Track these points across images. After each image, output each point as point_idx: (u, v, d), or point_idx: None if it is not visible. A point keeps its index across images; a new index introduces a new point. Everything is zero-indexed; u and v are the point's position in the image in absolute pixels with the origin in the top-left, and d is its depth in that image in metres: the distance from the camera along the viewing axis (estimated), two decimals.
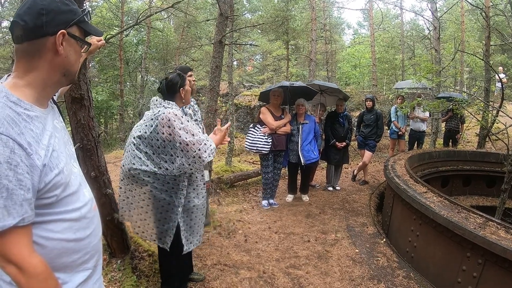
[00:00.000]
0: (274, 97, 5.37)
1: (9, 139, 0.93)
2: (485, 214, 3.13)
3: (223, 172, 7.19)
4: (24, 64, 1.07)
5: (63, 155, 1.13)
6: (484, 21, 8.01)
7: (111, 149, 14.36)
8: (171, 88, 2.51)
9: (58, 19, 1.07)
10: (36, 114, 1.06)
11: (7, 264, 0.96)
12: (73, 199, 1.15)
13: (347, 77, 23.64)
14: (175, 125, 2.27)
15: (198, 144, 2.27)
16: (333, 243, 4.18)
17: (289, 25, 16.31)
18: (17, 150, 0.94)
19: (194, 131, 2.30)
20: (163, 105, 2.42)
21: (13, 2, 15.91)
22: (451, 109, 7.49)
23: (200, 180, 2.68)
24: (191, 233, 2.64)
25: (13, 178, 0.93)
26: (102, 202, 2.97)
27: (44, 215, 1.05)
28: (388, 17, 24.61)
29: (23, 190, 0.95)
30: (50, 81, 1.12)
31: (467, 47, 16.89)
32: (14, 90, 1.04)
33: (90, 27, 1.20)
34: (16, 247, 0.96)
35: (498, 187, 5.31)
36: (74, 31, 1.13)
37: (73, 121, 2.70)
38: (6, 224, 0.92)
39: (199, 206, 2.67)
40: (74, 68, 1.18)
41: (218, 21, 4.82)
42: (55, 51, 1.08)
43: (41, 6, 1.04)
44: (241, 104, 14.64)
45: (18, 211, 0.94)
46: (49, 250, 1.07)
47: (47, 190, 1.03)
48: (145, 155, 2.42)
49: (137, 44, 18.24)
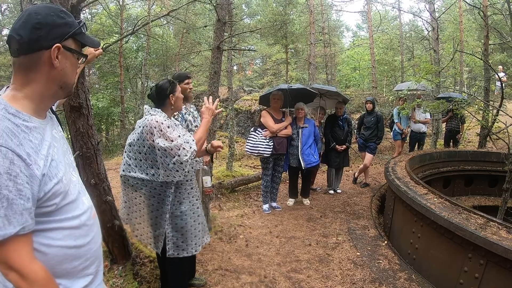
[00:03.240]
0: (274, 100, 5.38)
1: (8, 150, 0.96)
2: (486, 214, 3.13)
3: (224, 177, 7.20)
4: (22, 77, 1.09)
5: (62, 164, 1.15)
6: (483, 21, 8.02)
7: (112, 155, 14.38)
8: (160, 94, 2.54)
9: (53, 33, 1.09)
10: (35, 125, 1.08)
11: (9, 271, 0.99)
12: (73, 207, 1.17)
13: (346, 80, 23.62)
14: (155, 132, 2.30)
15: (176, 150, 2.26)
16: (334, 246, 4.17)
17: (288, 29, 16.34)
18: (17, 161, 0.97)
19: (174, 137, 2.30)
20: (150, 113, 2.46)
21: (13, 10, 16.04)
22: (451, 109, 7.49)
23: (189, 185, 2.68)
24: (184, 240, 2.65)
25: (13, 188, 0.95)
26: (103, 209, 2.98)
27: (44, 223, 1.08)
28: (386, 18, 24.66)
29: (23, 200, 0.97)
30: (47, 93, 1.14)
31: (466, 47, 16.89)
32: (12, 102, 1.06)
33: (86, 38, 1.22)
34: (17, 254, 0.99)
35: (500, 187, 5.28)
36: (70, 44, 1.15)
37: (73, 129, 2.72)
38: (7, 233, 0.95)
39: (188, 212, 2.67)
40: (70, 81, 1.20)
41: (216, 27, 4.83)
42: (50, 64, 1.10)
43: (36, 20, 1.06)
44: (241, 109, 14.66)
45: (19, 220, 0.97)
46: (50, 257, 1.09)
47: (46, 199, 1.06)
48: (134, 161, 2.49)
49: (137, 51, 18.27)
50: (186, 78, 3.53)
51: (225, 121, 14.55)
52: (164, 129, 2.31)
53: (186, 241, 2.66)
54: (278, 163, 5.54)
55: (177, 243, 2.63)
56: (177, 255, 2.63)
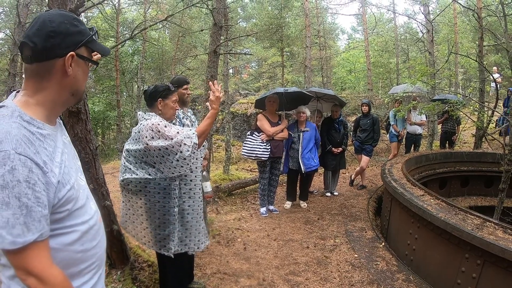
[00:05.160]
0: (270, 103, 5.40)
1: (27, 159, 0.97)
2: (482, 215, 3.16)
3: (221, 181, 7.19)
4: (34, 84, 1.10)
5: (73, 170, 1.17)
6: (477, 23, 8.08)
7: (109, 159, 14.35)
8: (151, 95, 2.57)
9: (67, 41, 1.09)
10: (48, 132, 1.09)
11: (27, 276, 1.00)
12: (82, 212, 1.18)
13: (342, 82, 23.69)
14: (153, 135, 2.32)
15: (177, 146, 2.28)
16: (332, 248, 4.19)
17: (283, 32, 16.40)
18: (35, 169, 0.98)
19: (173, 134, 2.31)
20: (144, 118, 2.48)
21: (8, 14, 15.96)
22: (447, 111, 7.54)
23: (192, 181, 2.69)
24: (187, 236, 2.66)
25: (31, 196, 0.97)
26: (101, 213, 2.97)
27: (55, 229, 1.09)
28: (381, 21, 24.74)
29: (41, 207, 0.99)
30: (59, 100, 1.15)
31: (461, 48, 17.03)
32: (26, 109, 1.07)
33: (98, 46, 1.23)
34: (37, 260, 1.00)
35: (496, 187, 5.32)
36: (83, 52, 1.16)
37: (71, 134, 2.72)
38: (26, 240, 0.97)
39: (195, 206, 2.68)
40: (82, 88, 1.22)
41: (212, 31, 4.86)
42: (64, 72, 1.11)
43: (51, 28, 1.06)
44: (237, 112, 14.70)
45: (37, 227, 0.98)
46: (58, 261, 1.09)
47: (60, 205, 1.08)
48: (134, 165, 2.50)
49: (132, 54, 18.28)
50: (185, 83, 3.44)
51: (222, 125, 14.56)
52: (162, 129, 2.32)
53: (190, 236, 2.67)
54: (275, 166, 5.54)
55: (182, 238, 2.64)
56: (181, 250, 2.64)
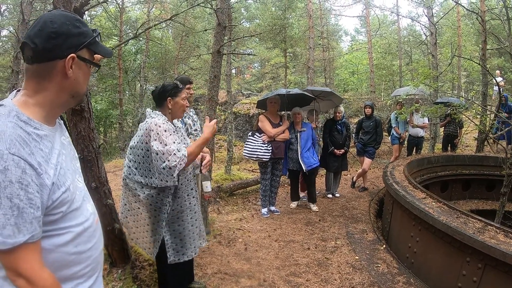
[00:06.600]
0: (271, 104, 5.41)
1: (20, 159, 0.96)
2: (484, 218, 3.15)
3: (223, 181, 7.20)
4: (34, 84, 1.09)
5: (70, 171, 1.16)
6: (480, 26, 8.08)
7: (111, 158, 14.38)
8: (160, 94, 2.56)
9: (69, 42, 1.08)
10: (45, 133, 1.08)
11: (17, 277, 0.99)
12: (77, 214, 1.17)
13: (345, 84, 23.67)
14: (152, 135, 2.33)
15: (167, 155, 2.29)
16: (333, 250, 4.19)
17: (286, 33, 16.42)
18: (28, 170, 0.97)
19: (168, 141, 2.32)
20: (150, 115, 2.49)
21: (12, 11, 16.02)
22: (449, 114, 7.53)
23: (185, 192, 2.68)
24: (183, 245, 2.67)
25: (24, 197, 0.96)
26: (103, 212, 2.99)
27: (48, 231, 1.08)
28: (385, 23, 24.74)
29: (33, 209, 0.98)
30: (59, 101, 1.14)
31: (464, 51, 17.00)
32: (24, 109, 1.06)
33: (100, 48, 1.21)
34: (27, 262, 0.99)
35: (497, 191, 5.30)
36: (84, 54, 1.14)
37: (74, 132, 2.73)
38: (17, 241, 0.96)
39: (186, 218, 2.68)
40: (82, 90, 1.20)
41: (216, 31, 4.86)
42: (64, 74, 1.10)
43: (52, 29, 1.05)
44: (239, 112, 14.70)
45: (28, 228, 0.97)
46: (50, 263, 1.08)
47: (54, 207, 1.06)
48: (134, 164, 2.52)
49: (136, 53, 18.31)
50: (188, 83, 3.46)
51: (224, 125, 14.58)
52: (161, 132, 2.33)
53: (185, 245, 2.68)
54: (277, 167, 5.55)
55: (177, 249, 2.65)
56: (178, 260, 2.65)
